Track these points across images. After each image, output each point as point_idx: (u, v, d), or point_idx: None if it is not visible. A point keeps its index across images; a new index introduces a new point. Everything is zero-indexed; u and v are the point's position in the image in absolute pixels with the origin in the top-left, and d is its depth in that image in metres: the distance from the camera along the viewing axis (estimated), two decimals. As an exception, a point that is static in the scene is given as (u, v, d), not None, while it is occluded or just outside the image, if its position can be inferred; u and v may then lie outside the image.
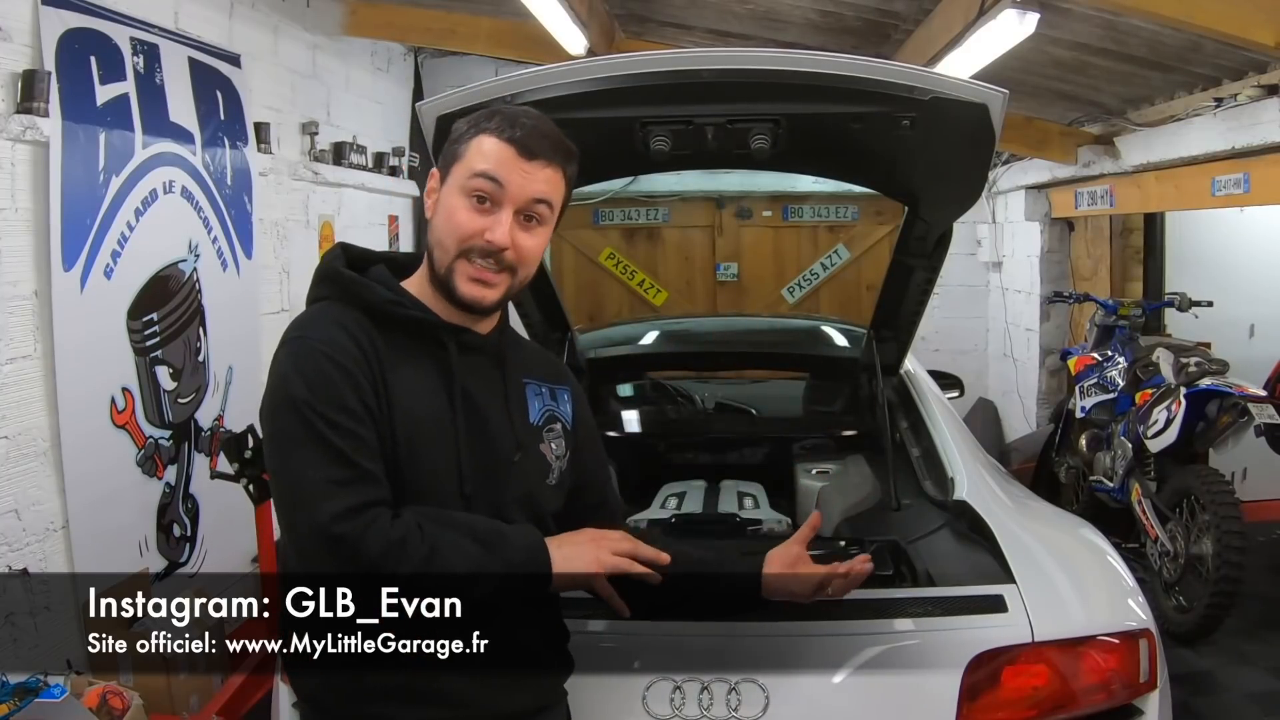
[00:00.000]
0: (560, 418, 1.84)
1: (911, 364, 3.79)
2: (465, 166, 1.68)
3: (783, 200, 7.78)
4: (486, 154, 1.67)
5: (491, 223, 1.66)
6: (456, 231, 1.67)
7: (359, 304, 1.70)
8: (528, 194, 1.68)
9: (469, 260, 1.67)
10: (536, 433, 1.80)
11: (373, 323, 1.68)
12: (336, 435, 1.57)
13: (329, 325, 1.66)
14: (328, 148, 5.65)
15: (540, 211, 1.70)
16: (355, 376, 1.61)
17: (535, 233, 1.70)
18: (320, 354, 1.61)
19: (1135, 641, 2.32)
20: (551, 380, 1.86)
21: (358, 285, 1.71)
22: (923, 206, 3.04)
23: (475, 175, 1.67)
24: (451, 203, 1.68)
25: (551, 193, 1.71)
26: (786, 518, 3.42)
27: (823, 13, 4.90)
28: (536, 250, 1.72)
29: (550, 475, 1.80)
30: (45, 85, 3.42)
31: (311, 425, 1.57)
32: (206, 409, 4.37)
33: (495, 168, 1.66)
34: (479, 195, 1.67)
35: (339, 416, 1.57)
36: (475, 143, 1.69)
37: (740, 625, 2.28)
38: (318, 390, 1.58)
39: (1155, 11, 3.75)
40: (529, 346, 1.92)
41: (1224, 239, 6.67)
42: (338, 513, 1.54)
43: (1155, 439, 4.80)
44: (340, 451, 1.57)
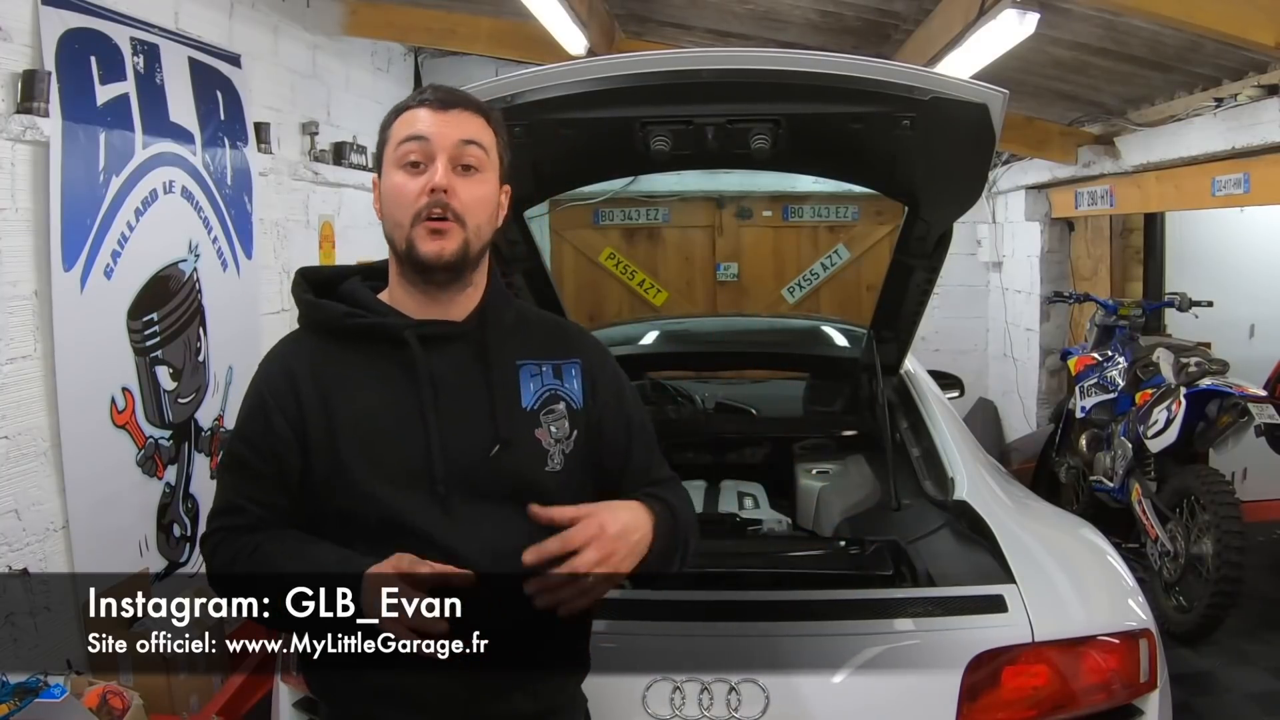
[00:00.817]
0: (564, 396, 1.77)
1: (911, 364, 3.79)
2: (392, 143, 1.72)
3: (783, 200, 7.78)
4: (406, 121, 1.71)
5: (429, 176, 1.68)
6: (402, 201, 1.69)
7: (315, 327, 1.77)
8: (452, 139, 1.69)
9: (421, 221, 1.69)
10: (531, 418, 1.74)
11: (331, 342, 1.73)
12: (234, 469, 1.75)
13: (273, 360, 1.78)
14: (328, 148, 5.65)
15: (473, 155, 1.70)
16: (270, 412, 1.72)
17: (474, 179, 1.70)
18: (255, 390, 1.76)
19: (1135, 641, 2.32)
20: (556, 356, 1.79)
21: (311, 308, 1.78)
22: (923, 206, 3.04)
23: (401, 144, 1.70)
24: (390, 180, 1.71)
25: (478, 133, 1.71)
26: (786, 518, 3.42)
27: (823, 13, 4.90)
28: (481, 199, 1.71)
29: (550, 461, 1.74)
30: (45, 85, 3.42)
31: (226, 456, 1.79)
32: (206, 409, 4.37)
33: (417, 128, 1.70)
34: (410, 161, 1.69)
35: (242, 449, 1.74)
36: (397, 122, 1.73)
37: (740, 625, 2.29)
38: (241, 425, 1.77)
39: (1155, 11, 3.75)
40: (535, 322, 1.84)
41: (1224, 239, 6.67)
42: (206, 534, 1.75)
43: (1155, 439, 4.80)
44: (228, 485, 1.76)
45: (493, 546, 1.65)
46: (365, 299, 1.76)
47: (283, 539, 1.68)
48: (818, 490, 3.57)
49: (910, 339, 3.61)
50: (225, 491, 1.75)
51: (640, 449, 1.84)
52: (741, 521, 3.24)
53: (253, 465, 1.72)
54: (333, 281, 1.81)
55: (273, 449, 1.70)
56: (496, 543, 1.66)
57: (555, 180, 3.16)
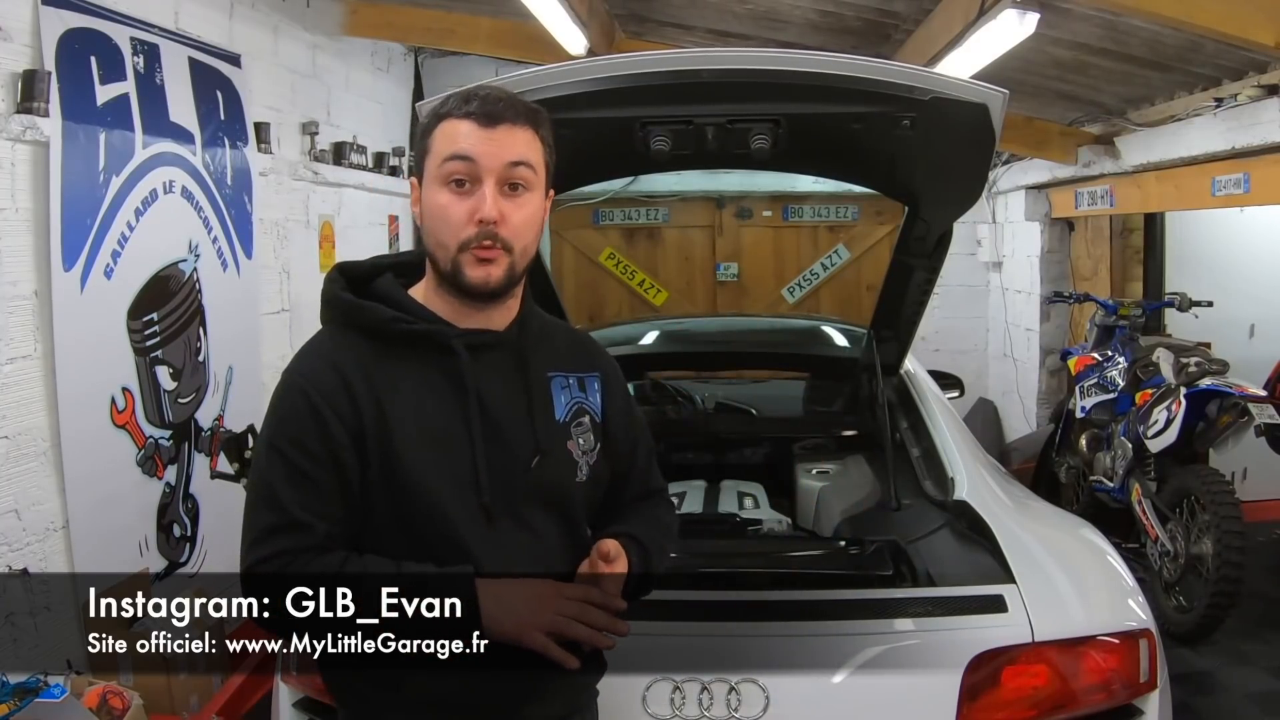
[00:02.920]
0: (589, 409, 1.78)
1: (911, 364, 3.79)
2: (435, 156, 1.65)
3: (783, 200, 7.77)
4: (450, 136, 1.64)
5: (476, 202, 1.62)
6: (449, 226, 1.64)
7: (358, 328, 1.69)
8: (501, 160, 1.63)
9: (469, 249, 1.64)
10: (564, 430, 1.75)
11: (375, 343, 1.67)
12: (284, 479, 1.60)
13: (316, 357, 1.68)
14: (328, 148, 5.65)
15: (522, 176, 1.65)
16: (323, 414, 1.61)
17: (523, 201, 1.65)
18: (297, 389, 1.64)
19: (1135, 641, 2.32)
20: (581, 369, 1.79)
21: (355, 310, 1.69)
22: (923, 206, 3.04)
23: (446, 161, 1.64)
24: (434, 199, 1.65)
25: (527, 153, 1.65)
26: (786, 518, 3.42)
27: (823, 13, 4.90)
28: (529, 222, 1.66)
29: (580, 472, 1.75)
30: (45, 85, 3.42)
31: (271, 465, 1.61)
32: (206, 409, 4.37)
33: (462, 146, 1.63)
34: (456, 179, 1.63)
35: (295, 455, 1.60)
36: (438, 131, 1.66)
37: (740, 625, 2.29)
38: (285, 428, 1.63)
39: (1155, 11, 3.75)
40: (560, 334, 1.84)
41: (1224, 239, 6.67)
42: (263, 556, 1.58)
43: (1155, 439, 4.79)
44: (278, 499, 1.59)
45: (529, 555, 1.66)
46: (406, 302, 1.71)
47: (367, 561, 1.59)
48: (818, 490, 3.57)
49: (910, 339, 3.61)
50: (277, 506, 1.58)
51: (642, 459, 1.88)
52: (741, 521, 3.24)
53: (310, 472, 1.59)
54: (367, 277, 1.76)
55: (331, 452, 1.61)
56: (533, 552, 1.67)
57: (555, 180, 3.15)
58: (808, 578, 2.52)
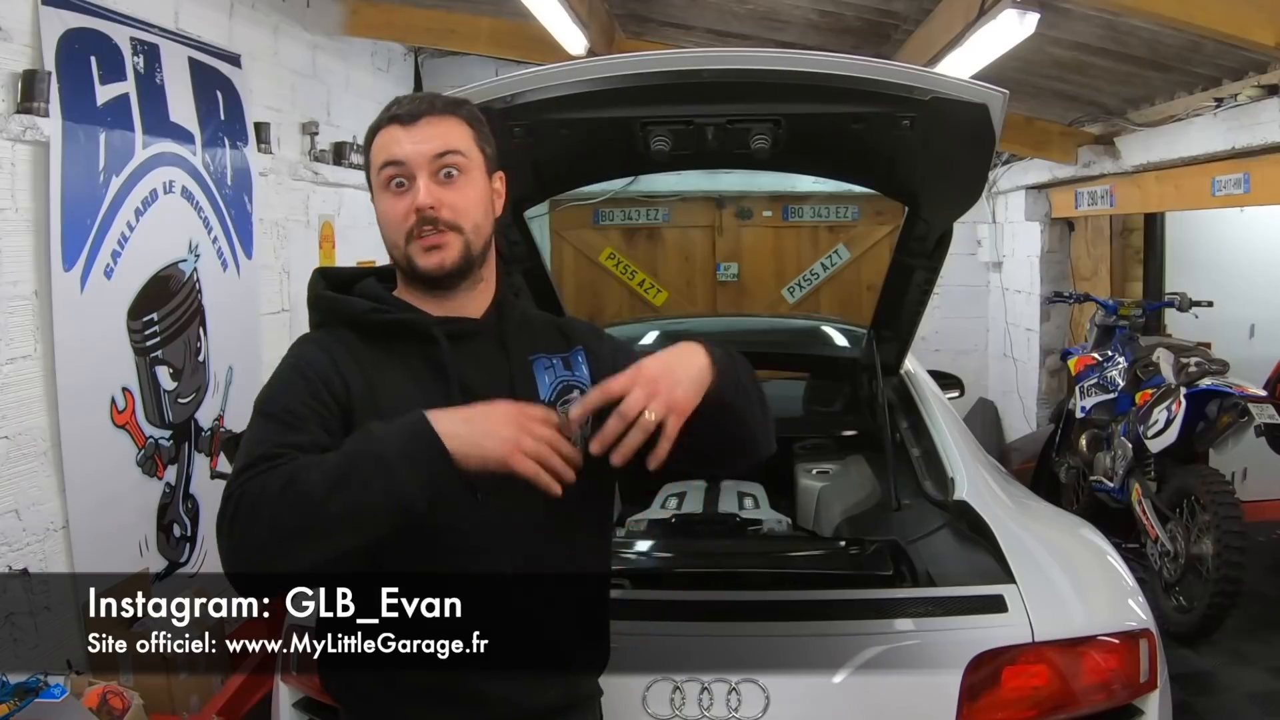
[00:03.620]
0: (577, 384, 1.80)
1: (911, 364, 3.79)
2: (374, 167, 1.73)
3: (783, 200, 7.78)
4: (383, 145, 1.71)
5: (412, 196, 1.69)
6: (393, 224, 1.71)
7: (342, 320, 1.75)
8: (425, 154, 1.69)
9: (414, 239, 1.70)
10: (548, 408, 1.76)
11: (360, 336, 1.73)
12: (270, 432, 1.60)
13: (310, 343, 1.75)
14: (328, 148, 5.65)
15: (452, 162, 1.70)
16: (314, 384, 1.65)
17: (458, 184, 1.71)
18: (289, 366, 1.70)
19: (1135, 641, 2.32)
20: (562, 349, 1.82)
21: (338, 303, 1.76)
22: (923, 206, 3.04)
23: (383, 168, 1.71)
24: (380, 206, 1.73)
25: (452, 140, 1.71)
26: (786, 518, 3.42)
27: (823, 13, 4.90)
28: (469, 201, 1.71)
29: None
30: (45, 85, 3.42)
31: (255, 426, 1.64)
32: (206, 409, 4.37)
33: (393, 150, 1.70)
34: (395, 182, 1.70)
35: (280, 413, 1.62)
36: (375, 143, 1.73)
37: (740, 625, 2.29)
38: (274, 395, 1.67)
39: (1155, 11, 3.75)
40: (537, 321, 1.87)
41: (1224, 239, 6.67)
42: (240, 477, 1.56)
43: (1155, 439, 4.80)
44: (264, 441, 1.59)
45: (521, 537, 1.67)
46: (385, 296, 1.78)
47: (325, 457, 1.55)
48: (818, 490, 3.57)
49: (910, 339, 3.61)
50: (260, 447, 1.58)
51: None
52: (742, 521, 3.24)
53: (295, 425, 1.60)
54: (349, 282, 1.82)
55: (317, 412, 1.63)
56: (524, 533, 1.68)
57: (555, 180, 3.16)
58: (808, 578, 2.52)
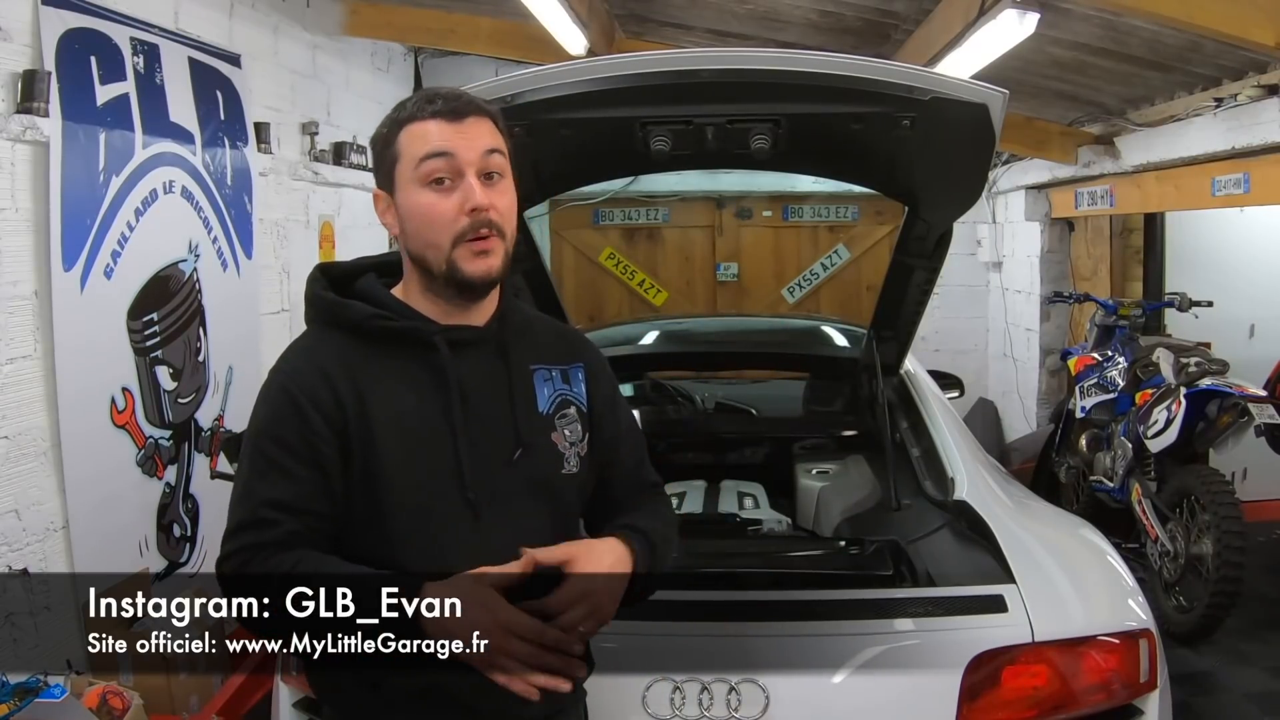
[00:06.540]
0: (574, 400, 1.78)
1: (911, 364, 3.79)
2: (408, 160, 1.66)
3: (783, 200, 7.78)
4: (421, 137, 1.65)
5: (463, 194, 1.64)
6: (439, 223, 1.65)
7: (341, 325, 1.70)
8: (477, 150, 1.65)
9: (464, 242, 1.65)
10: (547, 422, 1.75)
11: (357, 341, 1.69)
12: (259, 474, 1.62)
13: (298, 355, 1.71)
14: (328, 148, 5.65)
15: (497, 164, 1.67)
16: (304, 409, 1.63)
17: (503, 188, 1.68)
18: (279, 386, 1.67)
19: (1135, 641, 2.32)
20: (563, 361, 1.80)
21: (336, 308, 1.71)
22: (923, 206, 3.04)
23: (423, 161, 1.64)
24: (416, 201, 1.66)
25: (496, 139, 1.68)
26: (786, 518, 3.42)
27: (823, 13, 4.90)
28: (510, 206, 1.69)
29: (566, 464, 1.75)
30: (45, 85, 3.42)
31: (252, 460, 1.64)
32: (206, 409, 4.37)
33: (437, 143, 1.64)
34: (436, 178, 1.64)
35: (273, 450, 1.62)
36: (404, 136, 1.67)
37: (740, 625, 2.29)
38: (266, 425, 1.65)
39: (1155, 11, 3.75)
40: (540, 327, 1.84)
41: (1224, 239, 6.67)
42: (225, 554, 1.61)
43: (1155, 439, 4.79)
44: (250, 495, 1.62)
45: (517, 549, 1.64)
46: (387, 300, 1.73)
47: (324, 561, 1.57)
48: (818, 490, 3.57)
49: (910, 339, 3.61)
50: (249, 503, 1.61)
51: (631, 450, 1.86)
52: (742, 521, 3.24)
53: (287, 467, 1.61)
54: (349, 277, 1.77)
55: (312, 447, 1.62)
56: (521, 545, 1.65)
57: (555, 180, 3.16)
58: (808, 578, 2.52)
